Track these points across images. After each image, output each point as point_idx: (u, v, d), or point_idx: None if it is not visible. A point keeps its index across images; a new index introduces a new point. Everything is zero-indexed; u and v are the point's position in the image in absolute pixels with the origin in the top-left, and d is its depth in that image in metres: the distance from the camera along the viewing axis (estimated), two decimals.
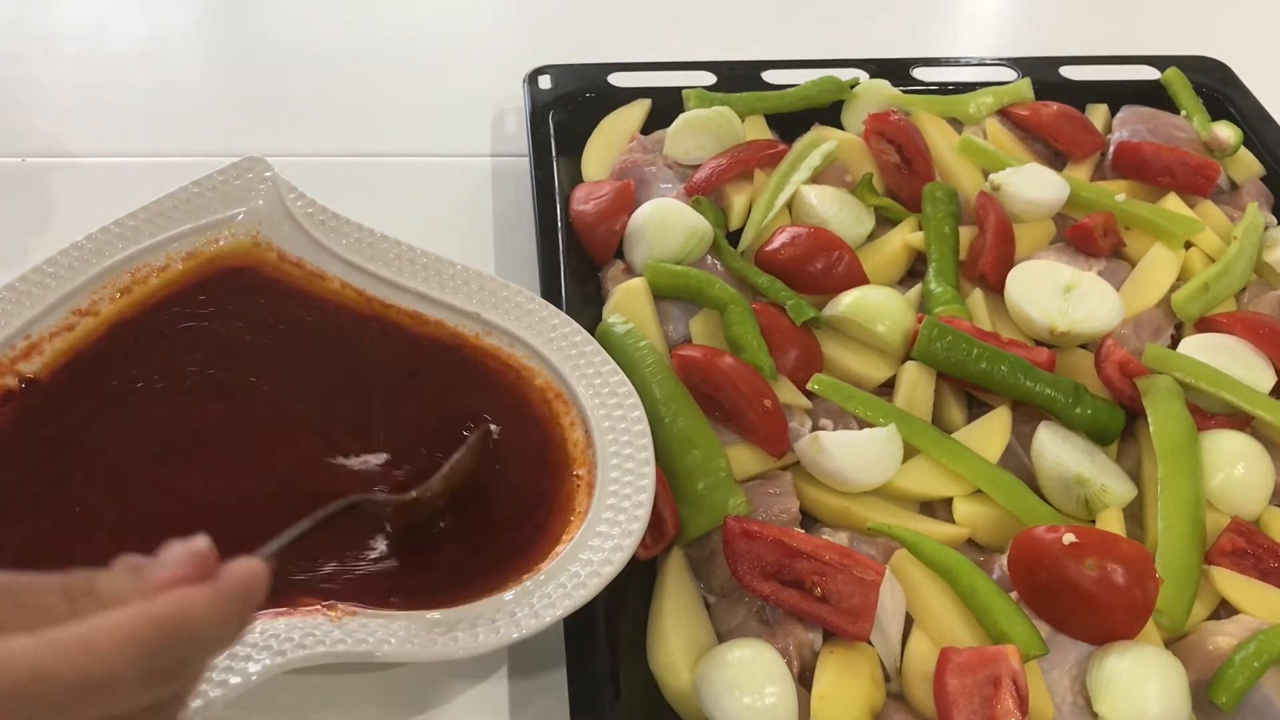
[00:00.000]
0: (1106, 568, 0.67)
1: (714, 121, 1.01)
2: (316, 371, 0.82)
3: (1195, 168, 0.98)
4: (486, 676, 0.73)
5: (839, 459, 0.76)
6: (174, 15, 1.36)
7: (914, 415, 0.81)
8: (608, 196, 0.94)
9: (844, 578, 0.68)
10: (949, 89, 1.10)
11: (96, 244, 0.85)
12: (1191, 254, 0.94)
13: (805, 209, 0.95)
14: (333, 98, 1.22)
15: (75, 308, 0.83)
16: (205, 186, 0.90)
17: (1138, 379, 0.81)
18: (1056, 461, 0.77)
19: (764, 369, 0.81)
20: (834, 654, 0.68)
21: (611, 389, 0.77)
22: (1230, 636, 0.69)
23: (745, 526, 0.70)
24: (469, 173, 1.12)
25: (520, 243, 1.01)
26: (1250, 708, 0.66)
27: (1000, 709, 0.63)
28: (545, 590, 0.67)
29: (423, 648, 0.64)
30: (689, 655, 0.70)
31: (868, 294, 0.87)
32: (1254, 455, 0.78)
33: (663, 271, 0.88)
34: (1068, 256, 0.93)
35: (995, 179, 0.96)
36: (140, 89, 1.21)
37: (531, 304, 0.83)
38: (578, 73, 1.10)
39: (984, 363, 0.81)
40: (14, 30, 1.30)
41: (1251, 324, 0.86)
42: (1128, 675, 0.65)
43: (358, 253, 0.87)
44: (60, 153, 1.11)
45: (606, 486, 0.72)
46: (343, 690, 0.72)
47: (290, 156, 1.04)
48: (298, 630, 0.64)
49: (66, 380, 0.80)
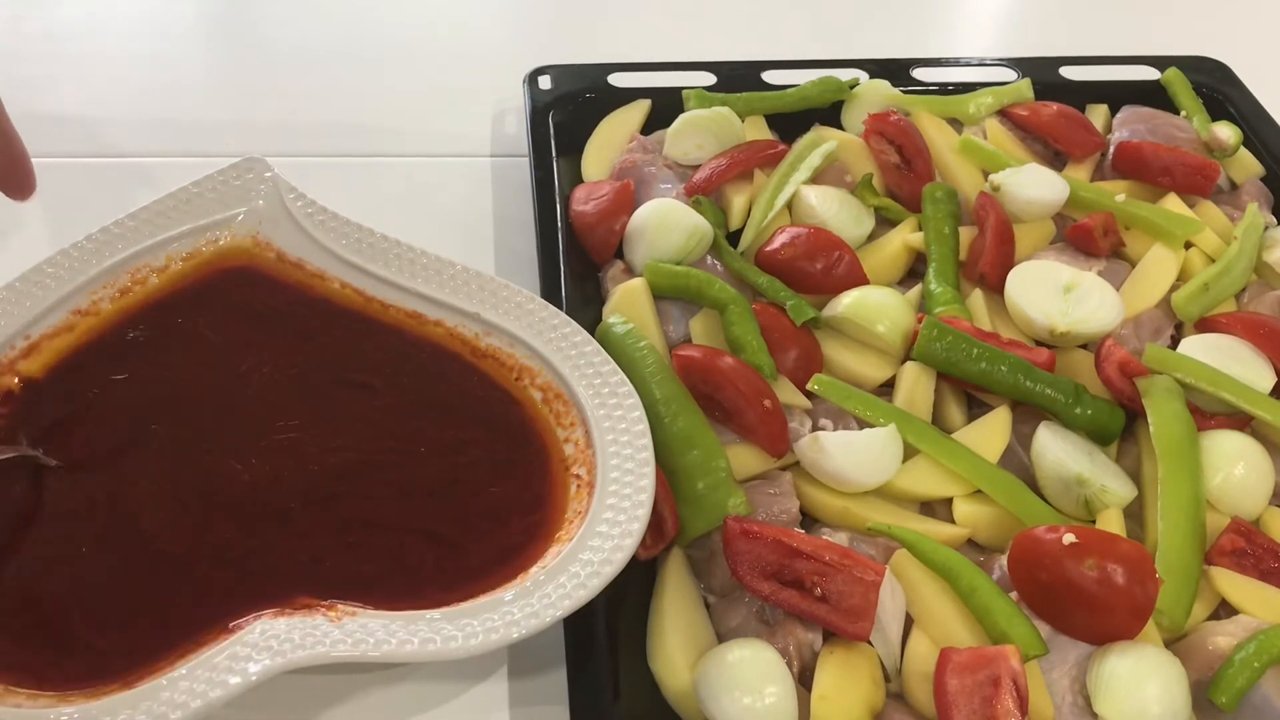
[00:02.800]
0: (1106, 568, 0.67)
1: (714, 122, 1.01)
2: (316, 372, 0.82)
3: (1195, 168, 0.98)
4: (486, 676, 0.73)
5: (839, 459, 0.76)
6: (174, 15, 1.36)
7: (914, 415, 0.81)
8: (608, 197, 0.94)
9: (844, 578, 0.68)
10: (949, 89, 1.10)
11: (96, 244, 0.85)
12: (1191, 254, 0.94)
13: (805, 209, 0.95)
14: (333, 98, 1.22)
15: (75, 308, 0.83)
16: (205, 186, 0.89)
17: (1138, 379, 0.81)
18: (1056, 461, 0.77)
19: (764, 369, 0.81)
20: (834, 654, 0.68)
21: (611, 389, 0.77)
22: (1230, 636, 0.69)
23: (745, 526, 0.70)
24: (469, 173, 1.12)
25: (520, 243, 1.01)
26: (1250, 708, 0.66)
27: (1000, 709, 0.63)
28: (545, 590, 0.67)
29: (423, 648, 0.64)
30: (689, 655, 0.70)
31: (868, 294, 0.87)
32: (1254, 455, 0.78)
33: (663, 271, 0.88)
34: (1068, 256, 0.93)
35: (995, 179, 0.95)
36: (140, 89, 1.21)
37: (531, 304, 0.83)
38: (578, 73, 1.10)
39: (984, 363, 0.81)
40: (14, 30, 1.30)
41: (1251, 324, 0.86)
42: (1128, 675, 0.65)
43: (358, 253, 0.87)
44: (60, 153, 1.10)
45: (606, 486, 0.72)
46: (343, 690, 0.72)
47: (290, 156, 1.04)
48: (298, 630, 0.64)
49: (66, 381, 0.80)
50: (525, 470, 0.76)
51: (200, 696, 0.60)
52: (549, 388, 0.80)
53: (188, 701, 0.60)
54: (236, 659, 0.62)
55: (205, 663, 0.63)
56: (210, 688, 0.61)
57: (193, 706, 0.60)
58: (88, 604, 0.68)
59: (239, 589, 0.68)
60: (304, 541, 0.72)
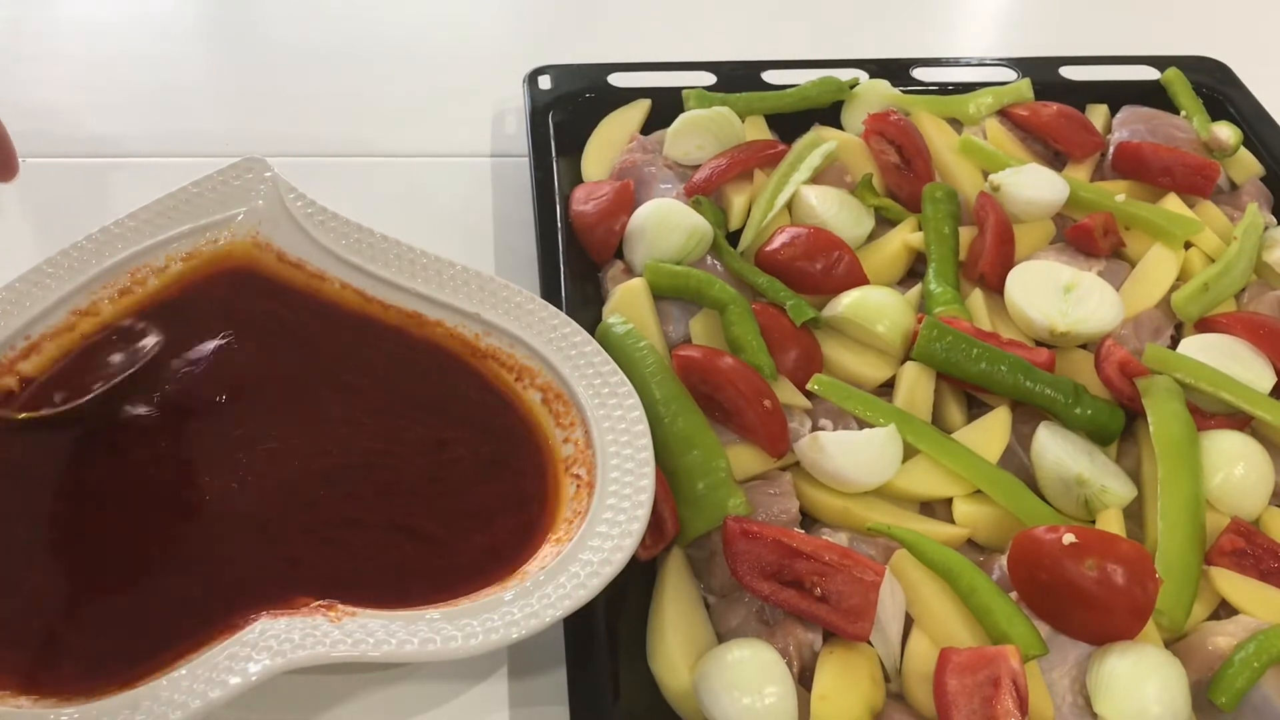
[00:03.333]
0: (1106, 568, 0.67)
1: (714, 122, 1.01)
2: (316, 372, 0.82)
3: (1195, 168, 0.98)
4: (486, 676, 0.73)
5: (839, 459, 0.76)
6: (174, 15, 1.36)
7: (914, 415, 0.81)
8: (608, 196, 0.94)
9: (844, 578, 0.68)
10: (949, 89, 1.10)
11: (96, 244, 0.85)
12: (1191, 254, 0.94)
13: (805, 209, 0.95)
14: (333, 97, 1.22)
15: (75, 308, 0.83)
16: (205, 187, 0.89)
17: (1138, 379, 0.81)
18: (1056, 461, 0.77)
19: (764, 369, 0.81)
20: (834, 654, 0.68)
21: (611, 389, 0.77)
22: (1230, 636, 0.69)
23: (745, 527, 0.70)
24: (469, 173, 1.12)
25: (520, 243, 1.01)
26: (1250, 708, 0.66)
27: (1000, 709, 0.63)
28: (545, 590, 0.67)
29: (423, 648, 0.64)
30: (689, 655, 0.70)
31: (868, 294, 0.87)
32: (1254, 455, 0.78)
33: (663, 271, 0.88)
34: (1068, 257, 0.93)
35: (995, 179, 0.95)
36: (140, 89, 1.21)
37: (531, 304, 0.83)
38: (578, 73, 1.10)
39: (984, 363, 0.81)
40: (14, 30, 1.30)
41: (1251, 324, 0.86)
42: (1127, 675, 0.65)
43: (358, 253, 0.87)
44: (61, 153, 1.11)
45: (606, 486, 0.72)
46: (343, 690, 0.72)
47: (290, 156, 1.04)
48: (298, 630, 0.64)
49: (66, 381, 0.80)
50: (525, 470, 0.76)
51: (200, 696, 0.60)
52: (549, 388, 0.80)
53: (188, 701, 0.60)
54: (236, 659, 0.62)
55: (205, 663, 0.63)
56: (210, 688, 0.61)
57: (193, 706, 0.60)
58: (88, 605, 0.68)
59: (238, 589, 0.68)
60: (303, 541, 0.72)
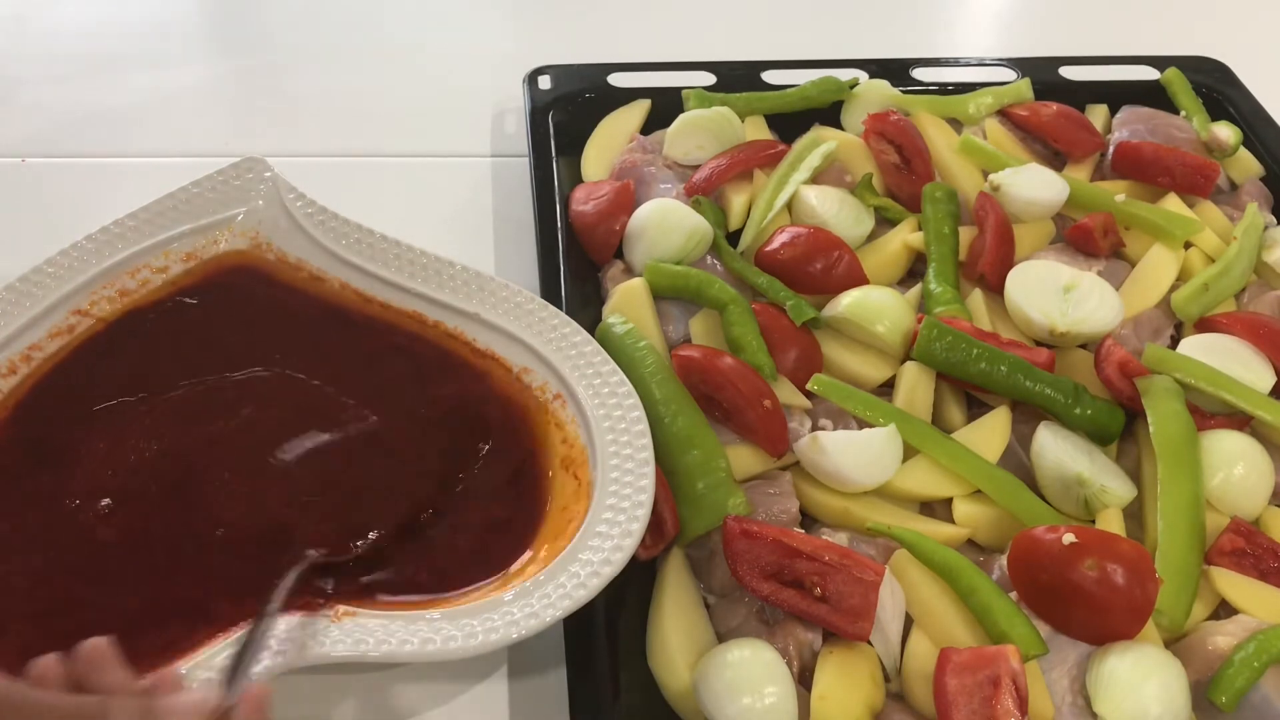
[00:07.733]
0: (1106, 568, 0.67)
1: (714, 122, 1.01)
2: (315, 372, 0.82)
3: (1194, 168, 0.98)
4: (486, 676, 0.73)
5: (839, 459, 0.76)
6: (174, 15, 1.36)
7: (914, 415, 0.81)
8: (608, 197, 0.94)
9: (844, 578, 0.68)
10: (949, 89, 1.10)
11: (96, 244, 0.85)
12: (1191, 254, 0.94)
13: (805, 209, 0.95)
14: (333, 98, 1.22)
15: (75, 308, 0.83)
16: (205, 187, 0.90)
17: (1137, 379, 0.81)
18: (1056, 461, 0.77)
19: (764, 369, 0.81)
20: (834, 654, 0.68)
21: (611, 389, 0.77)
22: (1230, 636, 0.69)
23: (745, 527, 0.70)
24: (469, 173, 1.12)
25: (520, 243, 1.01)
26: (1250, 708, 0.66)
27: (1000, 709, 0.63)
28: (545, 590, 0.67)
29: (422, 648, 0.64)
30: (689, 655, 0.70)
31: (867, 294, 0.87)
32: (1254, 455, 0.78)
33: (662, 272, 0.88)
34: (1067, 256, 0.93)
35: (995, 179, 0.96)
36: (140, 89, 1.21)
37: (531, 304, 0.83)
38: (578, 73, 1.10)
39: (984, 363, 0.81)
40: (14, 30, 1.30)
41: (1251, 324, 0.86)
42: (1127, 675, 0.65)
43: (358, 253, 0.87)
44: (60, 153, 1.11)
45: (606, 486, 0.72)
46: (343, 690, 0.72)
47: (290, 156, 1.04)
48: (298, 630, 0.64)
49: (65, 381, 0.80)
50: (525, 471, 0.76)
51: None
52: (549, 388, 0.80)
53: None
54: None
55: (205, 663, 0.63)
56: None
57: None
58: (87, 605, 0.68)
59: (237, 589, 0.68)
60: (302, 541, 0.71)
